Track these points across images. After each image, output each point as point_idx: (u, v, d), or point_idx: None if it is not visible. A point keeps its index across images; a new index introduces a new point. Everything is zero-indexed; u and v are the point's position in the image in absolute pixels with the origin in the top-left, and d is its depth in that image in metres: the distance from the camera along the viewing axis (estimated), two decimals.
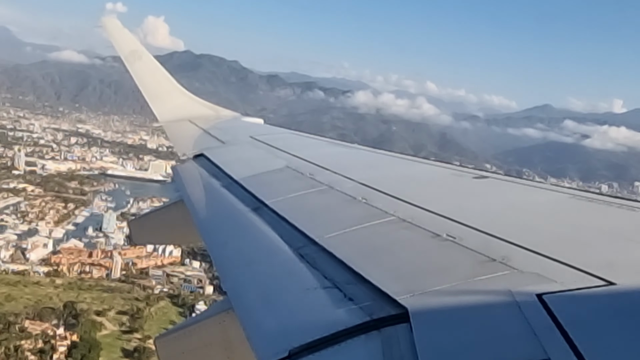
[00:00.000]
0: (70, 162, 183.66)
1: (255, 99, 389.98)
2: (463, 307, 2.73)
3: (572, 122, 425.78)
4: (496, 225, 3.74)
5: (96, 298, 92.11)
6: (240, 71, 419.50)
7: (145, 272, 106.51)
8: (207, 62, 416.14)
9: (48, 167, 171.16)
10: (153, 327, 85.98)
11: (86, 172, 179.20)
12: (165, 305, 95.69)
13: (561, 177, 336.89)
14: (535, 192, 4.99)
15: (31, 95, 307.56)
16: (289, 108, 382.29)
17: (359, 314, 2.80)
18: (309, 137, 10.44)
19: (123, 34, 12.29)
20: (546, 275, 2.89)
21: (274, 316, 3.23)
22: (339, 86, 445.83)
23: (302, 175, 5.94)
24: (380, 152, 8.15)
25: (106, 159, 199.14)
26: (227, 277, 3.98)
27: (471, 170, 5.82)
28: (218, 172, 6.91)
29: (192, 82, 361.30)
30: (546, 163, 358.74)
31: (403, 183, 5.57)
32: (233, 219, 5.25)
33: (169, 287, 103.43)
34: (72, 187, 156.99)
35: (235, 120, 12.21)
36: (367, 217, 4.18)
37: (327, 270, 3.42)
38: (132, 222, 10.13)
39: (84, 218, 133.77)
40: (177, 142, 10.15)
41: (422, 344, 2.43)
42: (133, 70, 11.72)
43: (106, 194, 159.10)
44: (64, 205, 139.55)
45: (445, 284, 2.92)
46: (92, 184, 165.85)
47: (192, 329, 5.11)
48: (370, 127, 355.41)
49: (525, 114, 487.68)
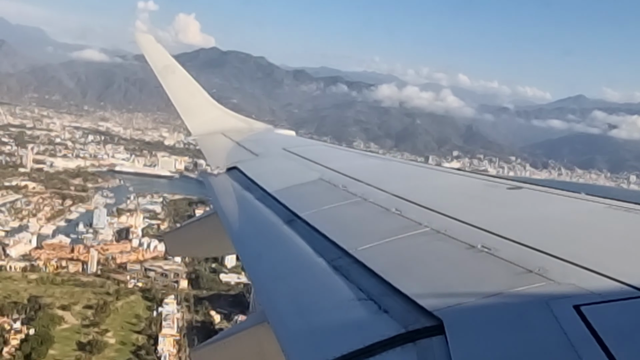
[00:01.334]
0: (81, 160, 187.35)
1: (281, 94, 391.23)
2: (499, 319, 2.71)
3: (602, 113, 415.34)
4: (532, 236, 3.70)
5: (66, 292, 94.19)
6: (266, 67, 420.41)
7: (124, 266, 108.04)
8: (234, 58, 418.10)
9: (56, 164, 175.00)
10: (115, 321, 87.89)
11: (95, 169, 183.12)
12: (135, 299, 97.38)
13: (589, 168, 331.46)
14: (571, 202, 4.89)
15: (57, 95, 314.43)
16: (314, 103, 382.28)
17: (394, 326, 2.80)
18: (341, 149, 10.53)
19: (156, 49, 12.43)
20: (583, 286, 2.86)
21: (308, 329, 3.22)
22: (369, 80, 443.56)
23: (335, 187, 5.96)
24: (414, 163, 8.25)
25: (118, 156, 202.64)
26: (261, 289, 4.06)
27: (505, 180, 5.82)
28: (251, 184, 6.98)
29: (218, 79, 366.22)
30: (575, 155, 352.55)
31: (436, 194, 5.61)
32: (267, 232, 5.31)
33: (145, 281, 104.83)
34: (76, 184, 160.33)
35: (267, 133, 12.32)
36: (401, 229, 4.19)
37: (362, 282, 3.42)
38: (167, 235, 10.70)
39: (78, 214, 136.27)
40: (210, 155, 10.24)
41: (458, 356, 2.43)
42: (166, 84, 11.90)
43: (109, 190, 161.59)
44: (62, 202, 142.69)
45: (480, 296, 2.90)
46: (97, 180, 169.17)
47: (227, 342, 5.18)
48: (394, 121, 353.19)
49: (557, 105, 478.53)
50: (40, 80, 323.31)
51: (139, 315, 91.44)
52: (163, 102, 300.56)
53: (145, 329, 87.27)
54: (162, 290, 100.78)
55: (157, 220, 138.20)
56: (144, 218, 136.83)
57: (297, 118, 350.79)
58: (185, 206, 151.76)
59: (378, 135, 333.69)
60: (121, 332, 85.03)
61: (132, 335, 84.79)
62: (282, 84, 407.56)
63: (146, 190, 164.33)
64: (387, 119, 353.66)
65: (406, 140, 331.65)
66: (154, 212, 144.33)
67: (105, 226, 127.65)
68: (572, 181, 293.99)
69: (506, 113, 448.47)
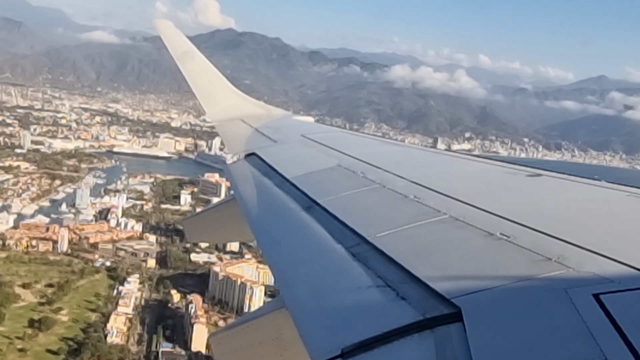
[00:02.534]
0: (81, 141, 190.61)
1: (295, 75, 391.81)
2: (517, 307, 2.72)
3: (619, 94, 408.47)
4: (551, 223, 3.70)
5: (31, 271, 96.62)
6: (281, 48, 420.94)
7: (96, 246, 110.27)
8: (249, 39, 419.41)
9: (55, 145, 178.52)
10: (74, 300, 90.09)
11: (94, 150, 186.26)
12: (100, 277, 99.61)
13: (604, 149, 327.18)
14: (591, 190, 4.90)
15: (71, 76, 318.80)
16: (328, 84, 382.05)
17: (412, 313, 2.81)
18: (360, 136, 10.71)
19: (176, 35, 12.44)
20: (602, 274, 2.85)
21: (326, 315, 3.27)
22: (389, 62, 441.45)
23: (354, 173, 5.98)
24: (432, 150, 8.12)
25: (120, 137, 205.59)
26: (280, 275, 4.10)
27: (525, 168, 5.75)
28: (270, 170, 6.98)
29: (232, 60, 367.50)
30: (591, 136, 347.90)
31: (455, 181, 5.58)
32: (285, 218, 5.35)
33: (114, 260, 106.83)
34: (70, 164, 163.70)
35: (286, 119, 12.36)
36: (419, 216, 4.22)
37: (380, 269, 3.44)
38: (186, 221, 11.17)
39: (65, 195, 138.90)
40: (229, 141, 10.36)
41: (476, 344, 2.43)
42: (185, 71, 11.85)
43: (102, 171, 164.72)
44: (50, 183, 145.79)
45: (499, 283, 2.90)
46: (92, 161, 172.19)
47: (245, 327, 5.27)
48: (407, 102, 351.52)
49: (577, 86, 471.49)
50: (55, 61, 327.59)
51: (99, 294, 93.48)
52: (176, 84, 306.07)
53: (101, 307, 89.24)
54: (129, 269, 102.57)
55: (142, 201, 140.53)
56: (128, 198, 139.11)
57: (310, 99, 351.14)
58: (174, 186, 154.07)
59: (390, 116, 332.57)
60: (76, 310, 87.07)
61: (86, 313, 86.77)
62: (297, 65, 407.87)
63: (140, 170, 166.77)
64: (400, 100, 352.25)
65: (418, 121, 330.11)
66: (141, 193, 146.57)
67: (87, 206, 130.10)
68: (593, 164, 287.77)
69: (524, 94, 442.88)
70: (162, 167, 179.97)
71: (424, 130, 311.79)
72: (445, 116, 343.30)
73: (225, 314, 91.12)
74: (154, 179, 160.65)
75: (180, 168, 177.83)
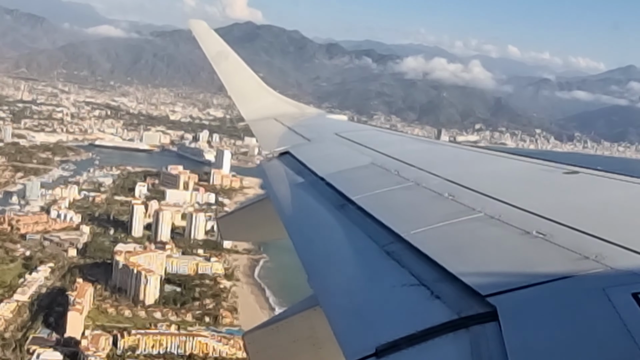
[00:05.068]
0: (66, 134, 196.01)
1: (310, 68, 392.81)
2: (554, 307, 2.67)
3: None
4: (589, 221, 3.64)
5: None
6: (299, 41, 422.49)
7: (24, 236, 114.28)
8: (267, 32, 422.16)
9: (37, 139, 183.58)
10: None
11: (77, 143, 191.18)
12: (14, 266, 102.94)
13: (619, 140, 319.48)
14: (630, 188, 4.79)
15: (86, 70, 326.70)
16: (344, 76, 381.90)
17: (447, 312, 2.80)
18: (394, 134, 10.60)
19: (209, 36, 12.66)
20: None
21: (361, 313, 3.27)
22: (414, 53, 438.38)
23: (388, 171, 5.96)
24: (467, 147, 8.02)
25: (108, 131, 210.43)
26: (314, 274, 4.07)
27: (561, 165, 5.61)
28: (304, 169, 7.02)
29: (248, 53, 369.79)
30: (608, 127, 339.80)
31: (490, 179, 5.57)
32: (319, 216, 5.36)
33: (37, 249, 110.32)
34: (43, 157, 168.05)
35: (319, 118, 12.53)
36: (454, 214, 4.19)
37: (414, 267, 3.44)
38: (221, 219, 10.81)
39: (22, 186, 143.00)
40: (263, 139, 10.41)
41: (512, 344, 2.39)
42: (220, 71, 12.03)
43: (73, 163, 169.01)
44: (12, 175, 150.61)
45: (535, 282, 2.85)
46: (68, 154, 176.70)
47: (280, 325, 5.36)
48: (419, 94, 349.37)
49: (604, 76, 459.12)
50: (71, 56, 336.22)
51: (4, 282, 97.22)
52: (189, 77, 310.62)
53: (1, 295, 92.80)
54: (45, 259, 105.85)
55: (98, 193, 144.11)
56: (83, 190, 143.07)
57: (322, 91, 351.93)
58: (140, 178, 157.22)
59: (401, 108, 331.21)
60: None
61: None
62: (314, 57, 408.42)
63: (114, 163, 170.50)
64: (412, 92, 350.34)
65: (429, 113, 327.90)
66: (100, 185, 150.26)
67: (37, 198, 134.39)
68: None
69: (547, 85, 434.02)
70: (141, 159, 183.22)
71: (434, 122, 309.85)
72: (457, 107, 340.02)
73: (119, 301, 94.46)
74: (121, 171, 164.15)
75: (159, 160, 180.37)
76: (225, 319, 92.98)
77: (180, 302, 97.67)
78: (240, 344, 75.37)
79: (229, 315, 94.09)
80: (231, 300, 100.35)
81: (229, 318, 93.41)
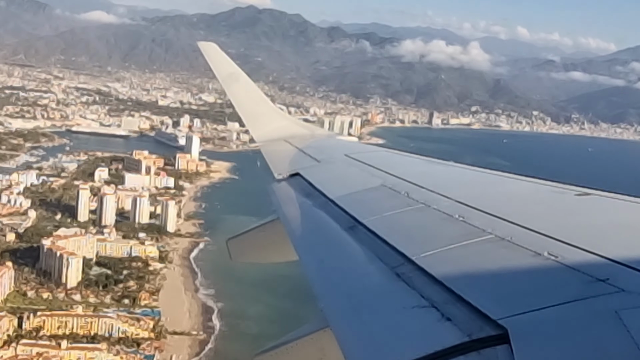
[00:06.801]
0: (44, 121, 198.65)
1: (311, 52, 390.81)
2: (566, 329, 2.63)
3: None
4: (601, 243, 3.60)
5: None
6: (300, 24, 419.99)
7: None
8: (268, 16, 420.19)
9: (14, 125, 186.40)
10: None
11: (55, 129, 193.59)
12: None
13: (619, 122, 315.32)
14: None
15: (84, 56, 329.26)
16: (344, 60, 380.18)
17: (458, 334, 2.78)
18: (404, 155, 10.51)
19: (220, 58, 12.70)
20: None
21: (371, 335, 3.28)
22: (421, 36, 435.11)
23: (398, 193, 5.94)
24: (478, 169, 8.03)
25: (90, 117, 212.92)
26: (324, 295, 4.13)
27: (573, 187, 5.60)
28: (314, 191, 7.02)
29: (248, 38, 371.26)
30: (609, 108, 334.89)
31: (501, 201, 5.57)
32: (329, 238, 5.37)
33: None
34: (14, 143, 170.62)
35: (329, 139, 12.58)
36: (465, 236, 4.17)
37: (425, 289, 3.43)
38: (230, 240, 10.60)
39: None
40: (273, 161, 10.12)
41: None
42: (230, 92, 12.08)
43: (43, 149, 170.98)
44: None
45: (547, 305, 2.84)
46: (40, 140, 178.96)
47: (289, 347, 5.38)
48: (417, 76, 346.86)
49: (611, 57, 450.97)
50: (69, 42, 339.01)
51: None
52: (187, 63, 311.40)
53: None
54: None
55: (57, 178, 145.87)
56: (41, 175, 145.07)
57: (320, 75, 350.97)
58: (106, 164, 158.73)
59: (398, 91, 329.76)
60: None
61: None
62: (314, 41, 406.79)
63: (85, 149, 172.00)
64: (410, 75, 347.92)
65: (426, 95, 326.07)
66: (62, 170, 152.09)
67: None
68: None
69: (552, 66, 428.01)
70: (116, 145, 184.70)
71: (430, 105, 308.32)
72: (454, 90, 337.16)
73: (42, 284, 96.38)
74: (89, 157, 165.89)
75: (135, 146, 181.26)
76: (144, 301, 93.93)
77: (103, 284, 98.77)
78: (148, 324, 75.03)
79: (148, 297, 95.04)
80: (157, 283, 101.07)
81: (147, 300, 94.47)
